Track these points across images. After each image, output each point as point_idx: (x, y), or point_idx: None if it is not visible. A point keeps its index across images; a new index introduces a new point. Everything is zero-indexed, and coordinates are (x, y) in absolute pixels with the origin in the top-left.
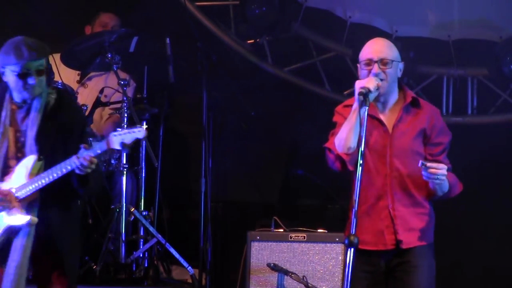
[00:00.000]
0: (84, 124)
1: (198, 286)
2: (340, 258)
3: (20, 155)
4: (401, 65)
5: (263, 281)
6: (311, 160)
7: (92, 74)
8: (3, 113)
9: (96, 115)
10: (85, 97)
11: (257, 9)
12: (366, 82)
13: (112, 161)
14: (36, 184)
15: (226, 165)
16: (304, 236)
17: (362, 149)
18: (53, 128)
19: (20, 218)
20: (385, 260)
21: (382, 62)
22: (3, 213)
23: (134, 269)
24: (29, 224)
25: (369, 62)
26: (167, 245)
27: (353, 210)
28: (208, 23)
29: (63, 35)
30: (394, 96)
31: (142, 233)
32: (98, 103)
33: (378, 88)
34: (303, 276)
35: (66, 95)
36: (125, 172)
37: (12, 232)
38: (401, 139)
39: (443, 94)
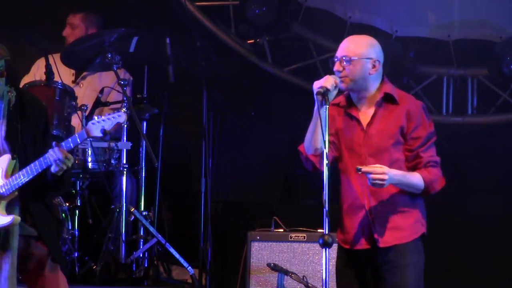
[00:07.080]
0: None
1: (198, 286)
2: None
3: None
4: (374, 62)
5: (263, 281)
6: None
7: (85, 73)
8: None
9: (96, 115)
10: (81, 96)
11: (257, 9)
12: (323, 82)
13: (112, 161)
14: (15, 183)
15: (226, 165)
16: (304, 236)
17: (327, 150)
18: (19, 126)
19: (2, 219)
20: (367, 259)
21: (344, 59)
22: None
23: (134, 269)
24: (12, 223)
25: (336, 60)
26: (167, 245)
27: (324, 209)
28: (208, 23)
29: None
30: (370, 93)
31: (142, 233)
32: (98, 103)
33: (336, 86)
34: (303, 276)
35: (25, 92)
36: (125, 172)
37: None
38: (376, 138)
39: (443, 94)
